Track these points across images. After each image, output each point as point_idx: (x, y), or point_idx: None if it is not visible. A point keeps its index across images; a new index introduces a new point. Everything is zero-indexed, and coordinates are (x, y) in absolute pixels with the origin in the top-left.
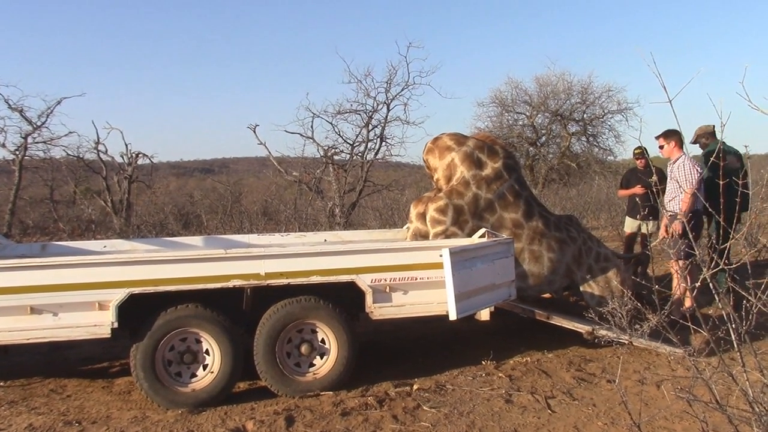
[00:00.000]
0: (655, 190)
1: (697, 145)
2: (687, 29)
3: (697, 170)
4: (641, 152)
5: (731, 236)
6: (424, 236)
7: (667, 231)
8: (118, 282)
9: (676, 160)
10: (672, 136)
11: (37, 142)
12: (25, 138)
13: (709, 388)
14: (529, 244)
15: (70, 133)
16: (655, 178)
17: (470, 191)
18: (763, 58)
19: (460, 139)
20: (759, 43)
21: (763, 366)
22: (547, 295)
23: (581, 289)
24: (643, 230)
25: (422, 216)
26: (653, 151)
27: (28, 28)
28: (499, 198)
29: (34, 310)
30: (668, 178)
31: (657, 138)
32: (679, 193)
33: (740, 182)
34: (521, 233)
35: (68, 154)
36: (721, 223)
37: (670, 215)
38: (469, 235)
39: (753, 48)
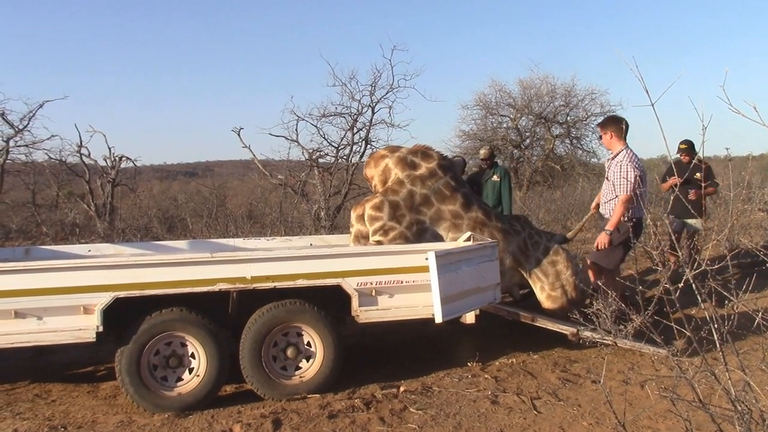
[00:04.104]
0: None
1: (495, 159)
2: (669, 33)
3: (635, 172)
4: (687, 147)
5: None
6: (365, 237)
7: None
8: (103, 286)
9: (615, 156)
10: (609, 125)
11: (19, 146)
12: (7, 142)
13: (692, 387)
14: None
15: (53, 136)
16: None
17: (405, 188)
18: (743, 62)
19: (393, 148)
20: (740, 47)
21: (745, 365)
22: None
23: (531, 283)
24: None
25: (362, 217)
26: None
27: (10, 31)
28: (434, 192)
29: (19, 314)
30: (606, 174)
31: (596, 126)
32: (614, 197)
33: None
34: (461, 223)
35: (51, 158)
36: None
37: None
38: (408, 228)
39: (734, 52)
